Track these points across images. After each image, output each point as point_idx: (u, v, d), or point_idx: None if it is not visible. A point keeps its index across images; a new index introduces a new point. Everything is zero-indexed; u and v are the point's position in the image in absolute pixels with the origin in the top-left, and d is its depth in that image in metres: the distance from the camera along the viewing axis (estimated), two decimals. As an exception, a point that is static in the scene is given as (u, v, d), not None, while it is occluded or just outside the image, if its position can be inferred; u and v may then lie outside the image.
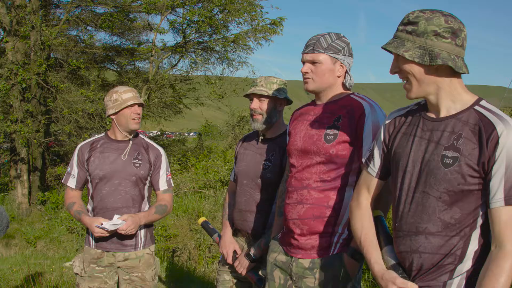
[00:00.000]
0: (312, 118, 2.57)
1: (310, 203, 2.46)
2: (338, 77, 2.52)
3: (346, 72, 2.54)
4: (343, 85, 2.56)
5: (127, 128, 3.38)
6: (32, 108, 12.75)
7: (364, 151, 2.36)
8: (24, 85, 12.41)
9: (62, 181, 3.53)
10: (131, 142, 3.44)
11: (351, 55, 2.54)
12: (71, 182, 3.45)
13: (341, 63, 2.49)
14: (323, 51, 2.45)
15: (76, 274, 3.44)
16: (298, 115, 2.71)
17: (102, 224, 3.17)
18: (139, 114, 3.38)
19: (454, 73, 1.85)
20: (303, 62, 2.52)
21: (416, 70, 1.84)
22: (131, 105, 3.34)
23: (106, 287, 3.39)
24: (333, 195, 2.44)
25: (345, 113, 2.45)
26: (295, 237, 2.52)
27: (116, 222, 3.17)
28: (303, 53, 2.51)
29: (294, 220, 2.51)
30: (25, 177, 13.28)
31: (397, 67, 1.90)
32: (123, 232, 3.19)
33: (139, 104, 3.39)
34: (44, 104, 13.60)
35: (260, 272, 3.05)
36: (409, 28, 1.84)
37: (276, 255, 2.67)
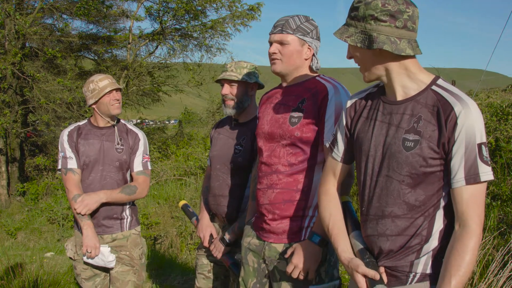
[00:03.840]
0: (278, 101, 2.58)
1: (279, 188, 2.48)
2: (306, 59, 2.52)
3: (313, 55, 2.54)
4: (310, 68, 2.57)
5: (109, 114, 3.42)
6: (9, 99, 12.58)
7: (326, 133, 2.38)
8: (-1, 75, 12.23)
9: (60, 167, 3.41)
10: (116, 128, 3.49)
11: (318, 38, 2.54)
12: (72, 163, 3.38)
13: (308, 45, 2.49)
14: (291, 32, 2.44)
15: (70, 258, 3.52)
16: (266, 99, 2.72)
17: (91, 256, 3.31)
18: (118, 99, 3.43)
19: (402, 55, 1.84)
20: (271, 43, 2.51)
21: (361, 54, 1.86)
22: (109, 92, 3.38)
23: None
24: (301, 178, 2.45)
25: (310, 95, 2.45)
26: (267, 221, 2.54)
27: (106, 255, 3.36)
28: (271, 33, 2.50)
29: (265, 205, 2.53)
30: (3, 168, 13.15)
31: (350, 52, 1.91)
32: (76, 206, 3.24)
33: (117, 89, 3.43)
34: (21, 94, 13.43)
35: (236, 257, 3.09)
36: (353, 14, 1.83)
37: (250, 239, 2.69)
